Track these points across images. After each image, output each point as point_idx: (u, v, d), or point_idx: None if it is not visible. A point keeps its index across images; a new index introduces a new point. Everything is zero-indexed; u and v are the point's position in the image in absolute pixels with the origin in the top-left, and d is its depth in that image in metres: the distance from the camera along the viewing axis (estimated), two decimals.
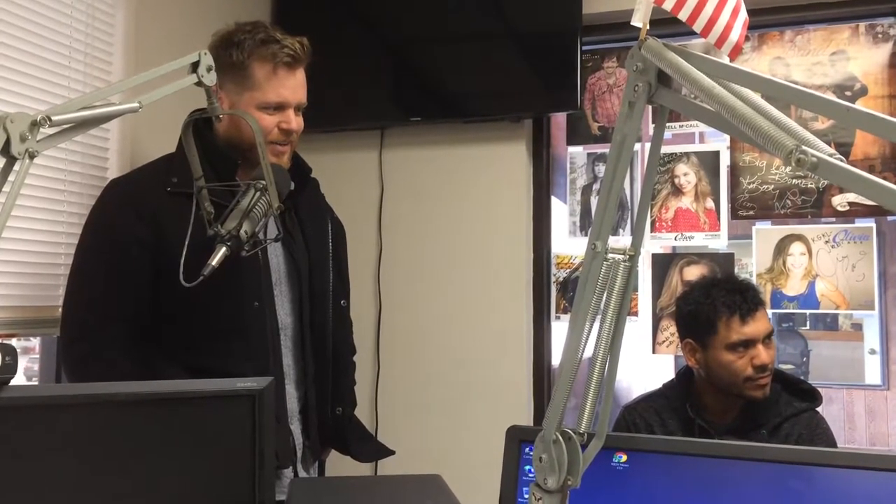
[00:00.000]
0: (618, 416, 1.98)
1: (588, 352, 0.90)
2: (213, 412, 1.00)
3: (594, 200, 2.60)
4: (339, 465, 1.88)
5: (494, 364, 2.55)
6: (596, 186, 2.60)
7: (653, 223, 2.53)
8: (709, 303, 1.79)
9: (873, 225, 2.32)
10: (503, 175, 2.60)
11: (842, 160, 0.63)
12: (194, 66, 1.28)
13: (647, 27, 0.84)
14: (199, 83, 1.28)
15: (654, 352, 2.52)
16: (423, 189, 2.67)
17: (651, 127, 2.72)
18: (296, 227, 1.67)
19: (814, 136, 0.66)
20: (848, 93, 2.34)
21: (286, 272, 1.63)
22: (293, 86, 1.56)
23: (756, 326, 1.75)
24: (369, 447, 1.74)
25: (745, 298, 1.77)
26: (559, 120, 2.72)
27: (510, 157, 2.60)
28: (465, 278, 2.61)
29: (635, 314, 2.55)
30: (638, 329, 2.56)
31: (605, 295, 0.87)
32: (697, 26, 0.77)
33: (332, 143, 2.74)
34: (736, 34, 0.78)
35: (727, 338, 1.76)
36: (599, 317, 0.88)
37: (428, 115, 2.61)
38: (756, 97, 0.73)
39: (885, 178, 2.14)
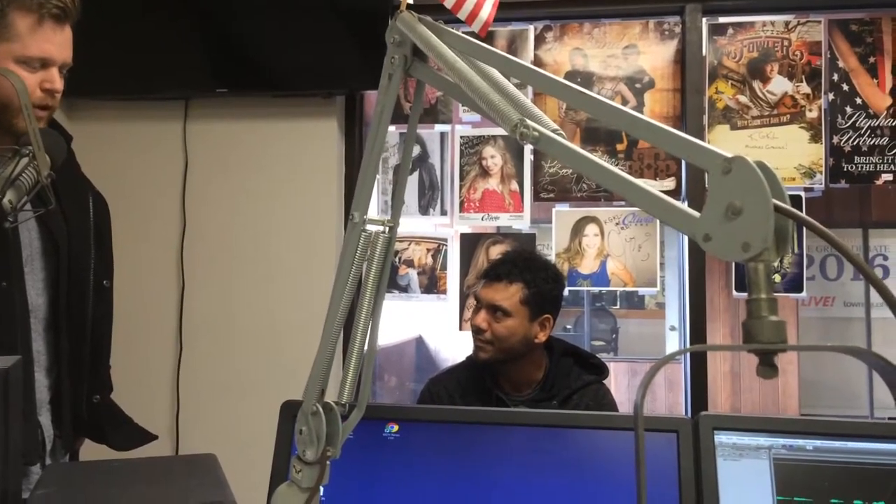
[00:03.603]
0: (423, 388, 2.03)
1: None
2: None
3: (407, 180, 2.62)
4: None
5: (303, 342, 2.50)
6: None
7: (461, 203, 2.59)
8: None
9: None
10: (314, 151, 2.57)
11: (562, 136, 0.67)
12: None
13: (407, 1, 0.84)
14: None
15: (460, 329, 2.59)
16: (231, 163, 2.58)
17: (461, 110, 2.74)
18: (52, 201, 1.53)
19: (541, 112, 0.69)
20: (638, 85, 2.50)
21: (40, 249, 1.48)
22: (60, 42, 1.42)
23: (486, 292, 1.91)
24: (128, 433, 1.63)
25: (494, 268, 1.95)
26: (374, 98, 2.72)
27: (322, 134, 2.57)
28: (274, 255, 2.56)
29: (444, 292, 2.61)
30: (446, 307, 2.62)
31: (364, 266, 0.88)
32: (448, 2, 0.79)
33: (131, 113, 2.58)
34: (486, 12, 0.80)
35: None
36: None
37: (236, 86, 2.52)
38: (498, 75, 0.75)
39: (667, 164, 2.28)
